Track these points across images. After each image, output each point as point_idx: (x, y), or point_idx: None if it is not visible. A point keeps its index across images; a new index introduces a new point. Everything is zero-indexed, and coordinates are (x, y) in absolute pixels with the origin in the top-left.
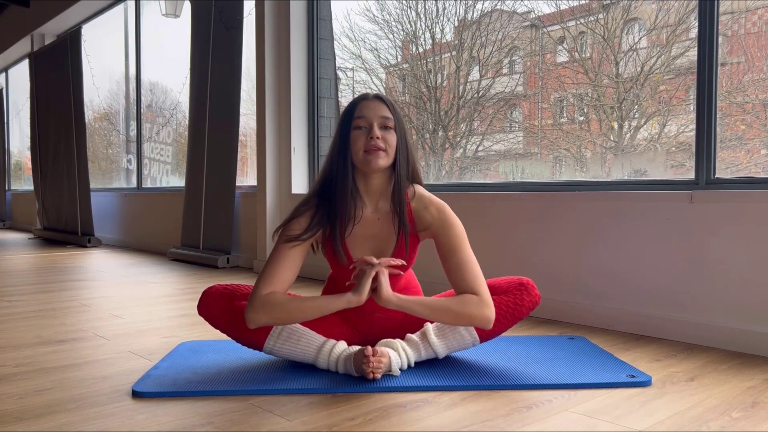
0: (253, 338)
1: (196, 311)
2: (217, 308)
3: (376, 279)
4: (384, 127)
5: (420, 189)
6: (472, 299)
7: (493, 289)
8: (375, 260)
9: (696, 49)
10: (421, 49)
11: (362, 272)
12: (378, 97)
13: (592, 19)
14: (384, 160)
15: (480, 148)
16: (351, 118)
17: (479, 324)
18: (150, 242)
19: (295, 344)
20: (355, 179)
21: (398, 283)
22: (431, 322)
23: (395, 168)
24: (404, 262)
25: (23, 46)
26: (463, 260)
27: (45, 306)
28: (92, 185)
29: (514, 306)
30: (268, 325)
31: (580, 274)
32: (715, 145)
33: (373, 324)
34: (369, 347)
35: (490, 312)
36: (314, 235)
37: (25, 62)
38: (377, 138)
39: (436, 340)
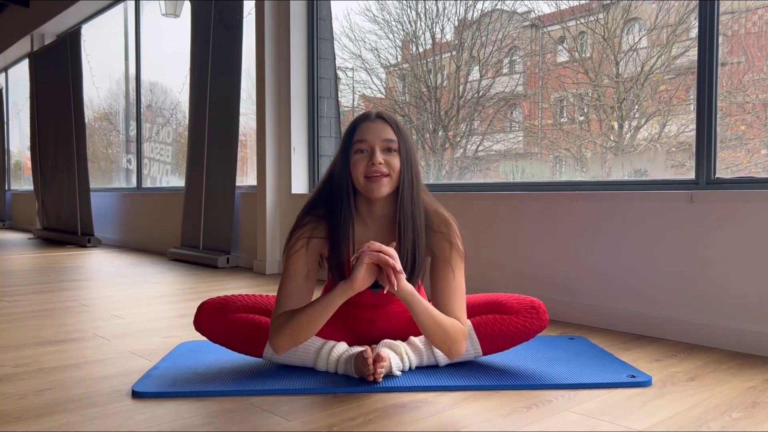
0: (251, 349)
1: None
2: (211, 323)
3: (394, 273)
4: (387, 150)
5: (425, 208)
6: (462, 331)
7: (504, 308)
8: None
9: (696, 48)
10: (421, 49)
11: (358, 260)
12: (380, 117)
13: (592, 18)
14: (387, 187)
15: (480, 148)
16: (351, 140)
17: (449, 353)
18: (150, 242)
19: (293, 349)
20: (357, 205)
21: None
22: None
23: (398, 195)
24: (398, 267)
25: (23, 46)
26: (453, 285)
27: (45, 306)
28: (92, 185)
29: (523, 329)
30: (294, 345)
31: (580, 274)
32: (716, 145)
33: (373, 331)
34: (368, 349)
35: (463, 348)
36: (315, 246)
37: (25, 62)
38: (379, 163)
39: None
